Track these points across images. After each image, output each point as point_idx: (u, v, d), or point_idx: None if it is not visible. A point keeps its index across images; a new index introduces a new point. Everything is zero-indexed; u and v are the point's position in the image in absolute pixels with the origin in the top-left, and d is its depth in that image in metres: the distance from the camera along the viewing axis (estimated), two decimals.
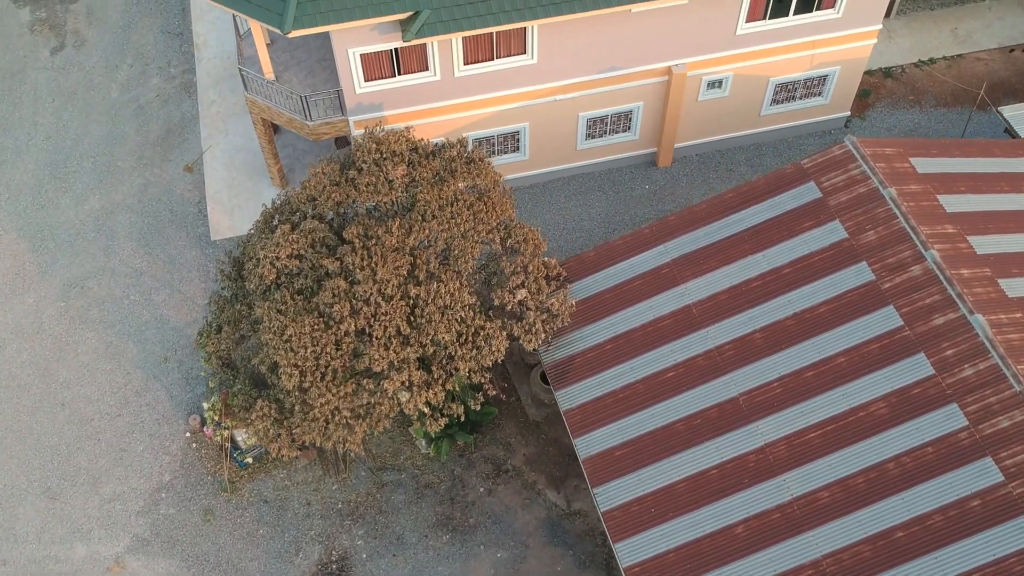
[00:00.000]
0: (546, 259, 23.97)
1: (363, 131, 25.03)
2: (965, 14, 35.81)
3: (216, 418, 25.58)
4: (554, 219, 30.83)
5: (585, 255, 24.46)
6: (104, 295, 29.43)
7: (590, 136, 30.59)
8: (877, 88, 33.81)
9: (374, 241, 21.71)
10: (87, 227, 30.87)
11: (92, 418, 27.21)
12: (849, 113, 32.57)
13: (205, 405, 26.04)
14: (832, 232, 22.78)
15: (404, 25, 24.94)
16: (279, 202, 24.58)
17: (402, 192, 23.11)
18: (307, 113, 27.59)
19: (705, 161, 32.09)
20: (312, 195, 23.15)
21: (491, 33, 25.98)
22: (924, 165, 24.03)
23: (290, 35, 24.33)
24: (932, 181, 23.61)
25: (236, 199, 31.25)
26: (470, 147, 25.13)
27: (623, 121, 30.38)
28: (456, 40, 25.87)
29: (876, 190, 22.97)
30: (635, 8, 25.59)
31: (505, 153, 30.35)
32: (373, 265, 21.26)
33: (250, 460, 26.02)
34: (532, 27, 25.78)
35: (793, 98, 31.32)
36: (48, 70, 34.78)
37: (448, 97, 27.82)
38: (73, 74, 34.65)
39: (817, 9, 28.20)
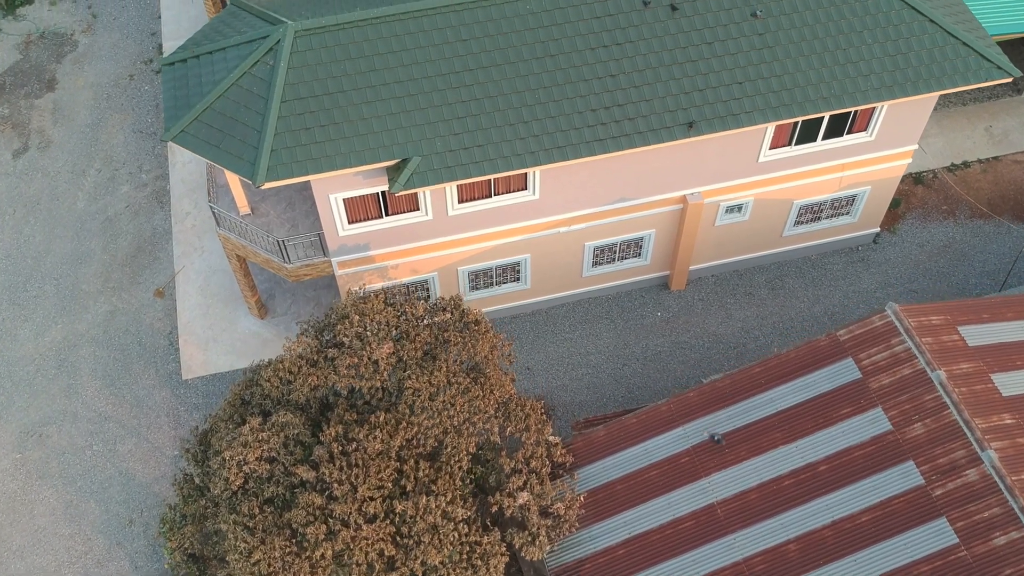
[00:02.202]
0: (551, 438, 21.32)
1: (347, 292, 22.43)
2: (1000, 109, 33.17)
3: None
4: (558, 352, 28.19)
5: (595, 436, 21.83)
6: (64, 445, 26.78)
7: (597, 264, 27.95)
8: (907, 197, 31.16)
9: (354, 446, 19.07)
10: (48, 363, 28.22)
11: None
12: (878, 229, 29.93)
13: None
14: (874, 422, 20.14)
15: (391, 174, 22.30)
16: (250, 374, 21.94)
17: (388, 376, 20.46)
18: (285, 256, 24.94)
19: (722, 283, 29.45)
20: (286, 378, 20.49)
21: None
22: (975, 335, 21.40)
23: (263, 187, 21.71)
24: (985, 356, 20.98)
25: (211, 330, 28.60)
26: (464, 304, 22.47)
27: (633, 248, 27.74)
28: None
29: (923, 372, 20.34)
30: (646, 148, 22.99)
31: (504, 283, 27.70)
32: (353, 479, 18.62)
33: None
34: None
35: (819, 218, 28.68)
36: (9, 176, 32.13)
37: (441, 235, 25.20)
38: (36, 181, 32.00)
39: (848, 133, 25.57)
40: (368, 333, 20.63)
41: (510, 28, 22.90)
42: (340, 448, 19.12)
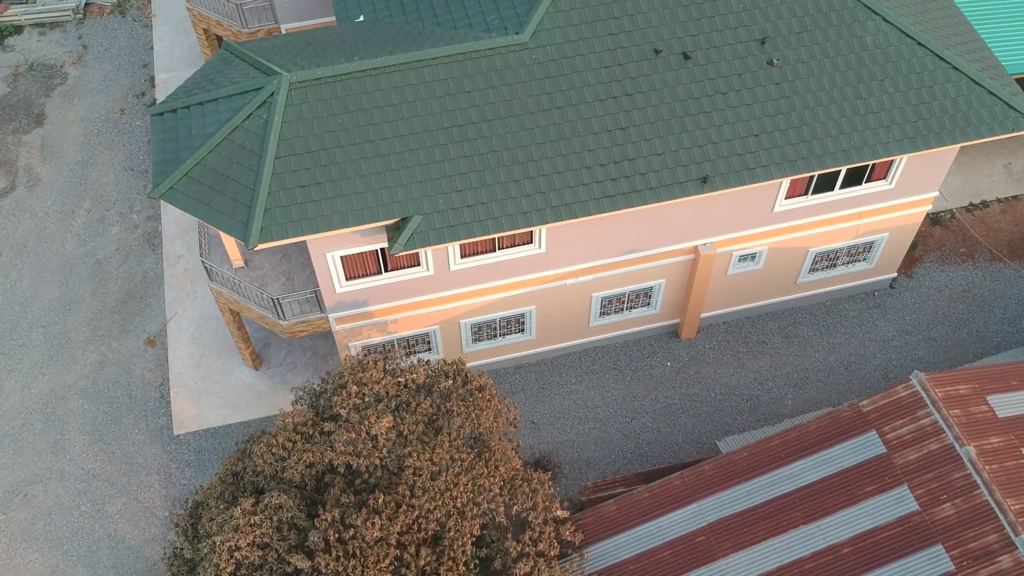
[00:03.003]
0: (559, 513, 20.22)
1: (344, 357, 21.38)
2: (1019, 146, 32.12)
3: None
4: (564, 405, 27.14)
5: (606, 510, 20.77)
6: (51, 505, 25.72)
7: (604, 313, 26.90)
8: (925, 238, 30.10)
9: (352, 533, 18.01)
10: (34, 417, 27.15)
11: None
12: (895, 274, 28.88)
13: None
14: (900, 502, 19.10)
15: (391, 233, 21.25)
16: (243, 445, 20.89)
17: (387, 453, 19.41)
18: (280, 313, 23.89)
19: (734, 331, 28.40)
20: (280, 454, 19.43)
21: None
22: (1005, 405, 20.36)
23: (257, 248, 20.68)
24: (1017, 429, 19.93)
25: (203, 381, 27.54)
26: (467, 368, 21.40)
27: (642, 298, 26.68)
28: None
29: (951, 447, 19.29)
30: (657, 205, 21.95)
31: (508, 335, 26.65)
32: (350, 570, 17.55)
33: None
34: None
35: (834, 265, 27.63)
36: None
37: (443, 289, 24.15)
38: (24, 222, 30.94)
39: (867, 181, 24.53)
40: (366, 405, 19.58)
41: (515, 79, 21.85)
42: (336, 535, 18.06)
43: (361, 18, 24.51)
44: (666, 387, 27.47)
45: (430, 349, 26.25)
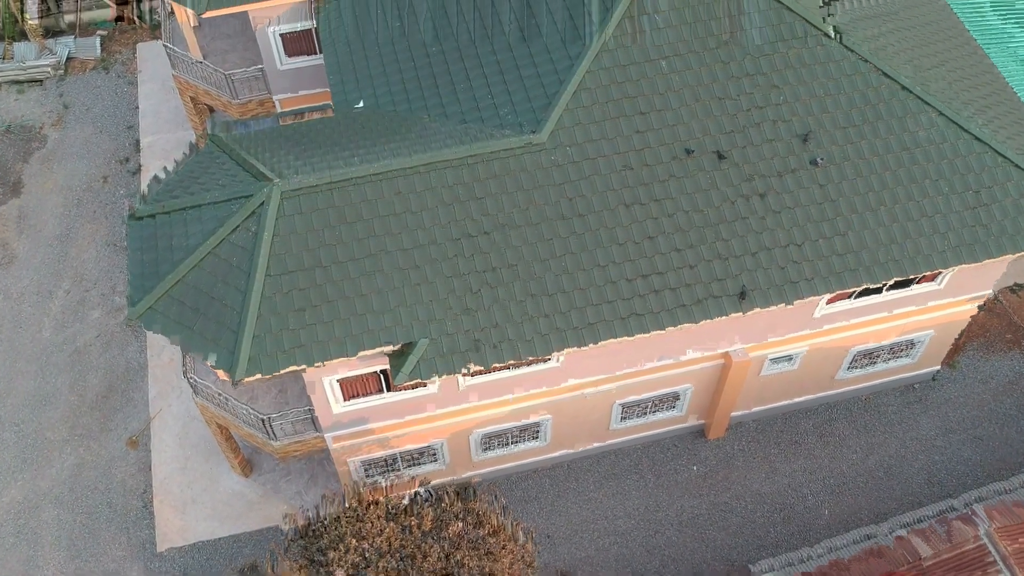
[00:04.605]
0: None
1: (345, 485, 19.23)
2: None
3: None
4: (581, 515, 24.96)
5: None
6: None
7: (626, 418, 24.74)
8: (967, 324, 27.89)
9: None
10: (5, 529, 24.96)
11: None
12: (939, 367, 26.73)
13: None
14: None
15: (394, 361, 19.06)
16: None
17: None
18: (271, 433, 21.72)
19: (764, 430, 26.23)
20: None
21: None
22: None
23: (244, 382, 18.50)
24: None
25: (189, 489, 25.35)
26: (481, 508, 19.26)
27: (667, 402, 24.52)
28: None
29: None
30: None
31: (522, 442, 24.48)
32: None
33: None
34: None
35: (875, 362, 25.46)
36: None
37: (449, 405, 21.98)
38: None
39: (915, 283, 22.37)
40: (367, 562, 17.42)
41: (531, 184, 19.67)
42: None
43: (361, 104, 22.36)
44: (692, 495, 25.29)
45: (436, 460, 24.08)
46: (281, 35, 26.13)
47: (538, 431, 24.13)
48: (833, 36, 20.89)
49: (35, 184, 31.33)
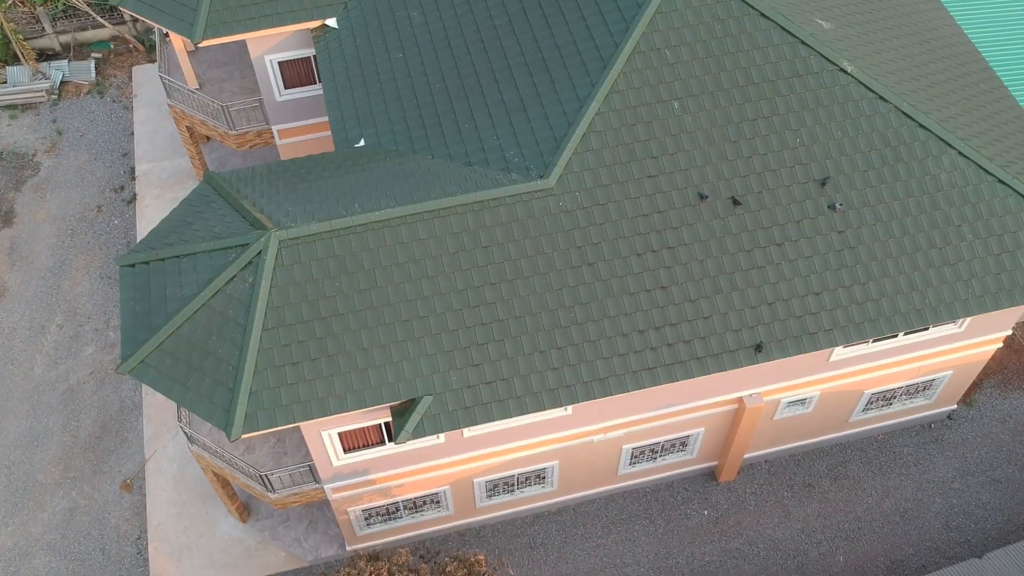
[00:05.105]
0: None
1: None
2: None
3: None
4: (589, 563, 24.22)
5: None
6: None
7: (635, 463, 24.01)
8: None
9: None
10: None
11: None
12: (955, 406, 26.00)
13: None
14: None
15: (396, 418, 18.31)
16: None
17: None
18: (268, 485, 20.99)
19: (777, 472, 25.50)
20: None
21: None
22: None
23: (240, 438, 17.78)
24: None
25: (185, 535, 24.61)
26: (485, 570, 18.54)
27: (678, 445, 23.80)
28: None
29: None
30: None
31: (527, 486, 23.75)
32: None
33: None
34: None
35: (891, 403, 24.73)
36: None
37: (454, 454, 21.25)
38: None
39: (934, 326, 21.65)
40: None
41: (539, 231, 18.93)
42: None
43: (362, 142, 21.63)
44: (703, 540, 24.56)
45: (439, 506, 23.34)
46: (279, 64, 25.38)
47: (544, 476, 23.39)
48: (849, 71, 20.15)
49: (27, 214, 30.58)
